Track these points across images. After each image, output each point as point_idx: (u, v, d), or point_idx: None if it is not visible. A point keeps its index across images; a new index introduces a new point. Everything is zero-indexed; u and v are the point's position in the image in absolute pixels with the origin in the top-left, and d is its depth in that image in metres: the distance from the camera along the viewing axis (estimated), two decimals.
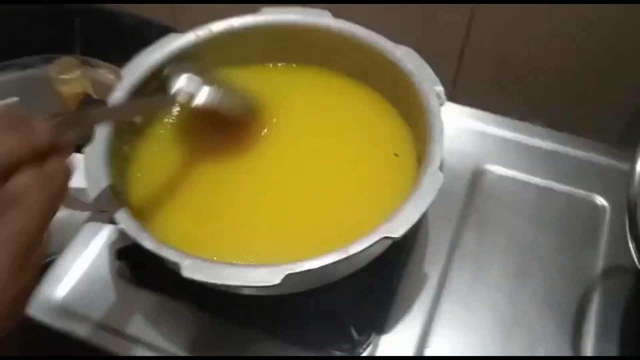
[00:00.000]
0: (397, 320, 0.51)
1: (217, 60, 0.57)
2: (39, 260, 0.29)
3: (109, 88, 0.83)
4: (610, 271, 0.54)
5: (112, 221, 0.54)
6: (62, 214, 0.72)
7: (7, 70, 0.89)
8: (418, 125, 0.51)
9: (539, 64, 0.73)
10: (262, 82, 0.59)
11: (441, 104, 0.49)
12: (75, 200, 0.72)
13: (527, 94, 0.77)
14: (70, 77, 0.81)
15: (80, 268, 0.54)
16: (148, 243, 0.40)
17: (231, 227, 0.48)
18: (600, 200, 0.59)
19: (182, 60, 0.54)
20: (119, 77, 0.53)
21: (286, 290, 0.43)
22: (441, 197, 0.45)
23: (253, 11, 0.57)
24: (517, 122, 0.66)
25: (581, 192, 0.60)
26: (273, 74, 0.60)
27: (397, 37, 0.54)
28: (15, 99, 0.86)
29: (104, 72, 0.86)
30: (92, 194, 0.43)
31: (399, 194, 0.47)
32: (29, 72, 0.89)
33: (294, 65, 0.60)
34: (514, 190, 0.60)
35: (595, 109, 0.74)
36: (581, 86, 0.72)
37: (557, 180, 0.61)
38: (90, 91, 0.83)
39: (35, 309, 0.51)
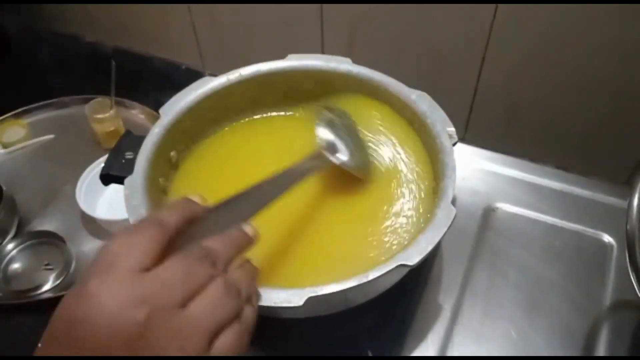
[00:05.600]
0: (411, 349, 0.54)
1: (243, 101, 0.62)
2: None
3: (139, 127, 0.89)
4: (618, 305, 0.56)
5: None
6: (94, 244, 0.76)
7: (46, 109, 0.95)
8: (433, 163, 0.54)
9: (549, 105, 0.75)
10: (285, 123, 0.63)
11: (454, 144, 0.52)
12: (104, 231, 0.76)
13: (538, 135, 0.79)
14: (104, 116, 0.85)
15: None
16: None
17: (262, 256, 0.50)
18: (608, 238, 0.61)
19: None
20: (155, 116, 0.56)
21: (308, 313, 0.46)
22: (454, 233, 0.48)
23: (279, 57, 0.61)
24: (526, 163, 0.70)
25: (589, 230, 0.62)
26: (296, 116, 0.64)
27: (412, 82, 0.58)
28: (51, 136, 0.91)
29: (135, 112, 0.92)
30: (132, 220, 0.47)
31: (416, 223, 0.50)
32: (66, 111, 0.95)
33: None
34: (524, 228, 0.63)
35: (605, 149, 0.75)
36: (590, 126, 0.73)
37: (566, 218, 0.63)
38: (122, 130, 0.87)
39: None
